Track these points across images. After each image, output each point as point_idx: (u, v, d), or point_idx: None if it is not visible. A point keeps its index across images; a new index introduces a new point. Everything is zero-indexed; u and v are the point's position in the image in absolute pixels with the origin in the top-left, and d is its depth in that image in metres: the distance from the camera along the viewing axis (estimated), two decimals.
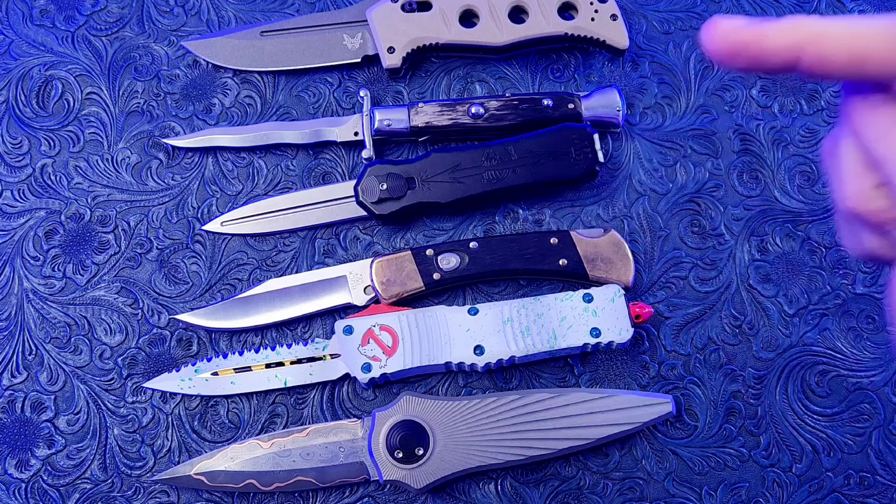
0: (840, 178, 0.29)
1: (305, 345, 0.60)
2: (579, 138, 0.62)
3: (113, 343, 0.62)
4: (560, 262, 0.61)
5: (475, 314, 0.59)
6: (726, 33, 0.27)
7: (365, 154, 0.64)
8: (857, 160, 0.29)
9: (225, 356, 0.60)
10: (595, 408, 0.56)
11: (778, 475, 0.58)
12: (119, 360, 0.61)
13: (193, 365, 0.60)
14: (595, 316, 0.58)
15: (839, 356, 0.60)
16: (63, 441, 0.60)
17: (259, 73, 0.68)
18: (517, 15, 0.67)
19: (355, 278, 0.61)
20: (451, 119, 0.64)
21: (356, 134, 0.65)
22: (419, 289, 0.61)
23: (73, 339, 0.62)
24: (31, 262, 0.63)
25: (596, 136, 0.62)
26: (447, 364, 0.58)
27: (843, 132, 0.29)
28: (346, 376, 0.59)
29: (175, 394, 0.60)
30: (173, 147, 0.66)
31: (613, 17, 0.66)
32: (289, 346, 0.60)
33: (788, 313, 0.61)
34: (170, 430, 0.60)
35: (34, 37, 0.69)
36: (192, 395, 0.60)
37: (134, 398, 0.61)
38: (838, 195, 0.30)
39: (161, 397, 0.60)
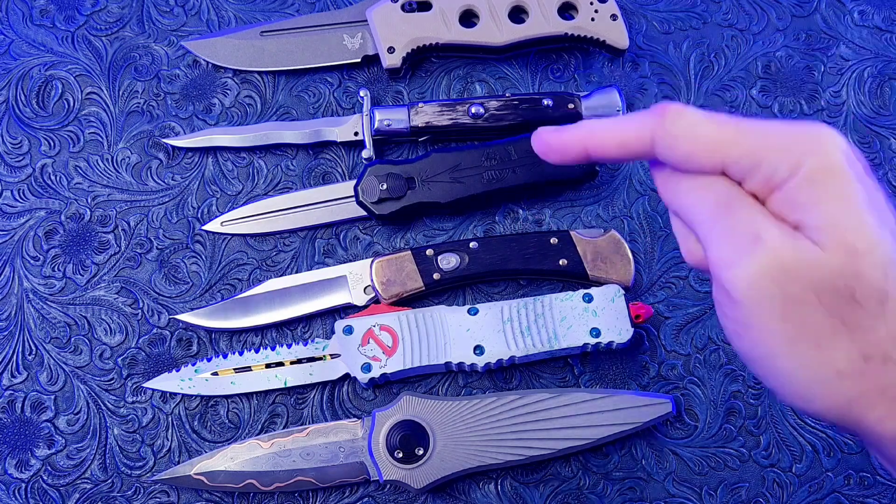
0: (679, 243, 0.37)
1: (305, 345, 0.60)
2: None
3: (113, 343, 0.62)
4: (560, 262, 0.61)
5: (475, 314, 0.59)
6: (544, 140, 0.37)
7: (365, 154, 0.64)
8: (681, 224, 0.36)
9: (225, 356, 0.60)
10: (595, 408, 0.56)
11: (778, 475, 0.58)
12: (119, 360, 0.61)
13: (193, 365, 0.60)
14: (595, 316, 0.58)
15: None
16: (63, 441, 0.60)
17: (259, 73, 0.68)
18: (517, 15, 0.67)
19: (355, 278, 0.61)
20: (451, 119, 0.64)
21: (356, 134, 0.65)
22: (419, 289, 0.61)
23: (73, 339, 0.62)
24: (31, 262, 0.63)
25: None
26: (447, 364, 0.58)
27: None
28: (346, 376, 0.59)
29: (175, 394, 0.60)
30: (173, 147, 0.66)
31: (613, 17, 0.66)
32: (289, 346, 0.60)
33: None
34: (170, 430, 0.60)
35: (34, 37, 0.69)
36: (192, 395, 0.60)
37: (134, 398, 0.61)
38: (684, 255, 0.37)
39: (161, 397, 0.60)
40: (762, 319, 0.31)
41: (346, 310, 0.62)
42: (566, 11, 0.67)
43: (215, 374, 0.59)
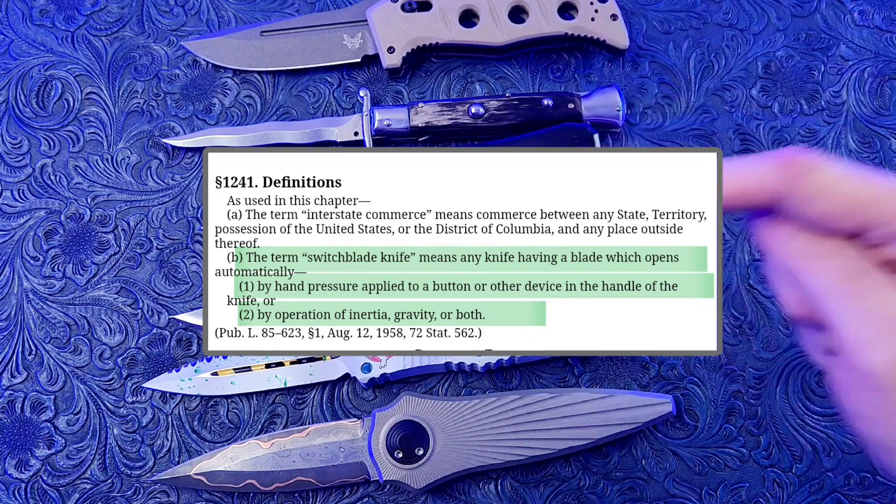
0: (777, 292, 0.34)
1: None
2: (579, 138, 0.62)
3: (113, 343, 0.62)
4: None
5: None
6: None
7: None
8: (785, 278, 0.33)
9: (225, 356, 0.60)
10: (595, 408, 0.56)
11: (778, 475, 0.58)
12: (119, 360, 0.61)
13: (193, 365, 0.60)
14: None
15: None
16: (63, 441, 0.60)
17: (259, 73, 0.68)
18: (517, 15, 0.67)
19: None
20: (451, 119, 0.64)
21: (356, 134, 0.65)
22: None
23: (72, 339, 0.62)
24: (31, 262, 0.63)
25: (596, 136, 0.62)
26: (447, 364, 0.58)
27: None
28: (346, 376, 0.59)
29: (175, 394, 0.60)
30: (173, 147, 0.66)
31: (613, 17, 0.66)
32: None
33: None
34: (170, 430, 0.60)
35: (34, 37, 0.69)
36: (192, 395, 0.60)
37: (134, 398, 0.61)
38: (782, 307, 0.34)
39: (161, 397, 0.60)
40: None
41: None
42: (566, 11, 0.67)
43: (215, 374, 0.59)
